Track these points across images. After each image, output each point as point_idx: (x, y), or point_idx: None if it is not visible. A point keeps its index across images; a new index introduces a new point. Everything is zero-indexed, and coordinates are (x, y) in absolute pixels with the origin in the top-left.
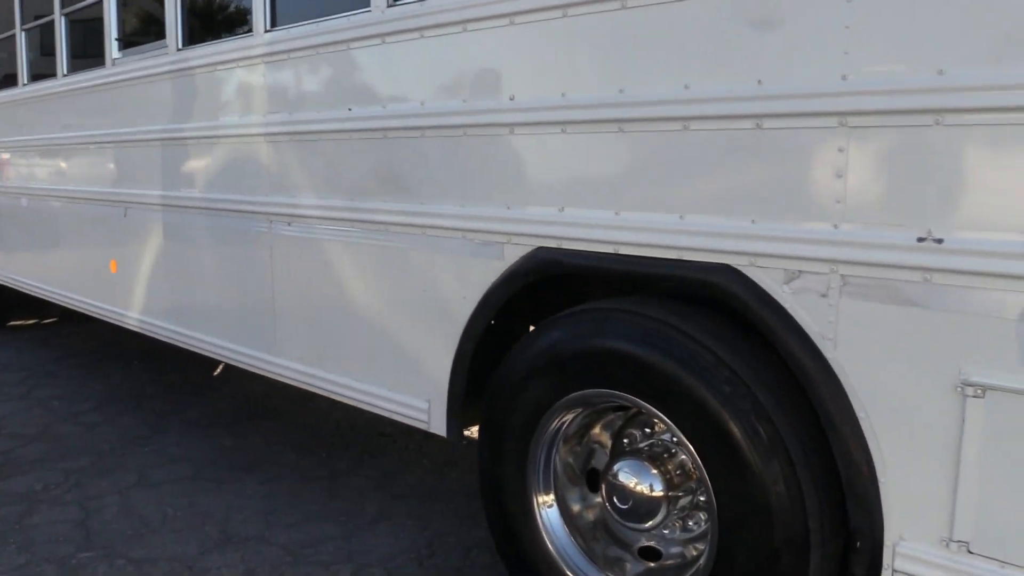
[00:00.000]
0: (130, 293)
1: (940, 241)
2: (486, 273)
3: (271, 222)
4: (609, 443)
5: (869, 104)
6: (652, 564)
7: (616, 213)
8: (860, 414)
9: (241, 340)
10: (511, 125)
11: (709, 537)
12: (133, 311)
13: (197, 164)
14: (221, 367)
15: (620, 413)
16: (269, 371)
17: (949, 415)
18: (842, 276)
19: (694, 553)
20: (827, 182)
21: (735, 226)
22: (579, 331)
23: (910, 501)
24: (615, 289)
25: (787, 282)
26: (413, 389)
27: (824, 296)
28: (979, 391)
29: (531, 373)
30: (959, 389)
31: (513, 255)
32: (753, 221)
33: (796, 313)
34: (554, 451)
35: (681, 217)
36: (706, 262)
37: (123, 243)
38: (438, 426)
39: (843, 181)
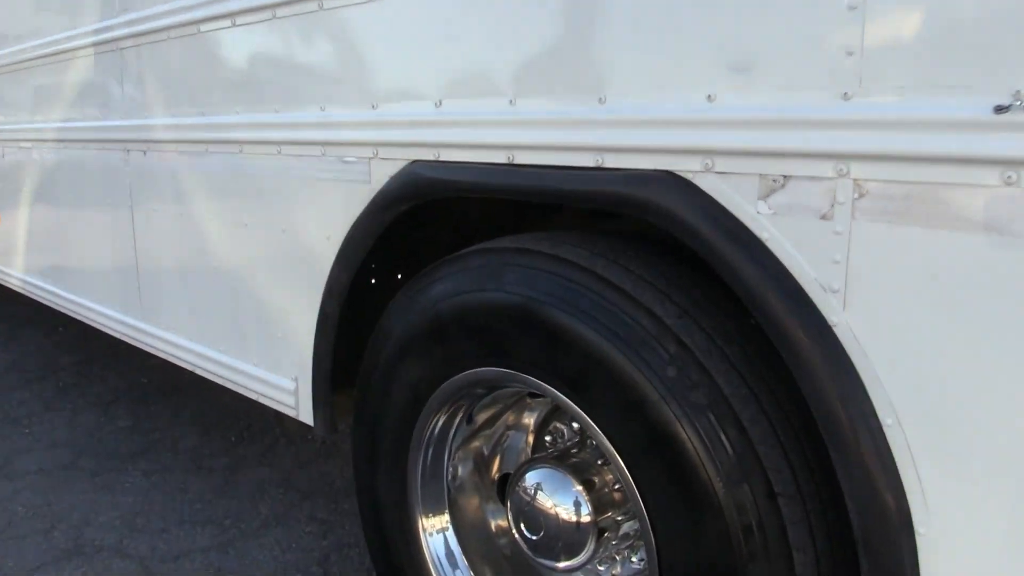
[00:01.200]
0: (12, 248)
1: None
2: (350, 202)
3: (128, 152)
4: (531, 439)
5: None
6: None
7: (511, 102)
8: (886, 419)
9: (109, 302)
10: None
11: None
12: (15, 269)
13: (57, 86)
14: None
15: (541, 399)
16: (138, 340)
17: None
18: (856, 182)
19: None
20: (833, 20)
21: (677, 106)
22: (466, 284)
23: (971, 566)
24: (534, 220)
25: (765, 196)
26: (278, 365)
27: (826, 218)
28: None
29: (407, 345)
30: None
31: (381, 175)
32: (709, 97)
33: (780, 248)
34: (447, 455)
35: (600, 100)
36: (636, 169)
37: (4, 190)
38: (306, 413)
39: (859, 15)
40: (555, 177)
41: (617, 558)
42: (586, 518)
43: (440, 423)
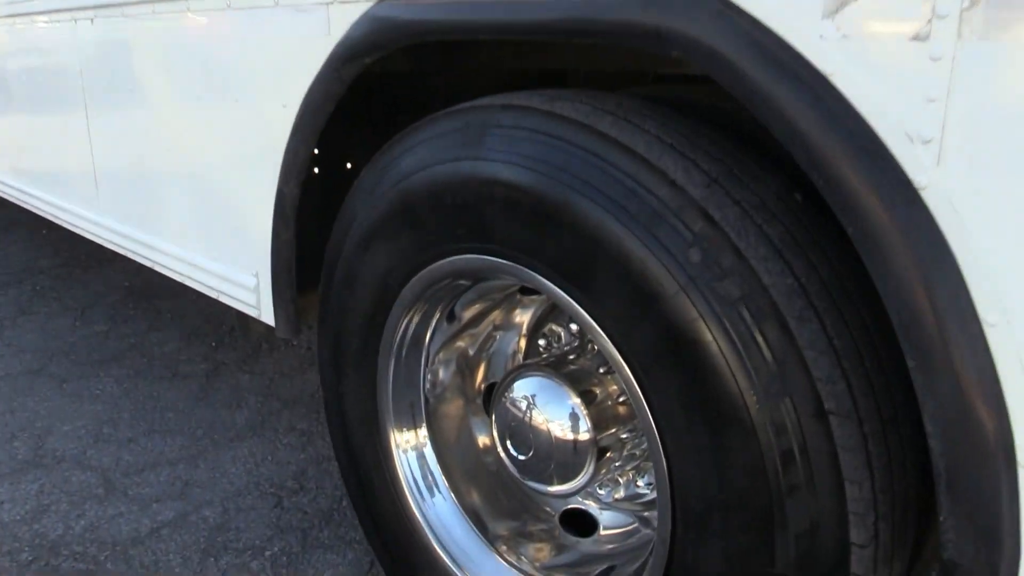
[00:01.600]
0: None
1: None
2: (307, 60)
3: (75, 22)
4: (522, 343)
5: None
6: (585, 539)
7: None
8: (989, 317)
9: (66, 194)
10: None
11: (659, 531)
12: None
13: None
14: None
15: (534, 296)
16: (94, 234)
17: None
18: None
19: (655, 527)
20: None
21: None
22: (440, 152)
23: None
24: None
25: (832, 12)
26: (238, 259)
27: (919, 39)
28: None
29: (372, 230)
30: None
31: (341, 22)
32: None
33: (850, 85)
34: (423, 359)
35: None
36: None
37: None
38: (268, 313)
39: None
40: (546, 6)
41: (620, 480)
42: (584, 435)
43: (414, 322)
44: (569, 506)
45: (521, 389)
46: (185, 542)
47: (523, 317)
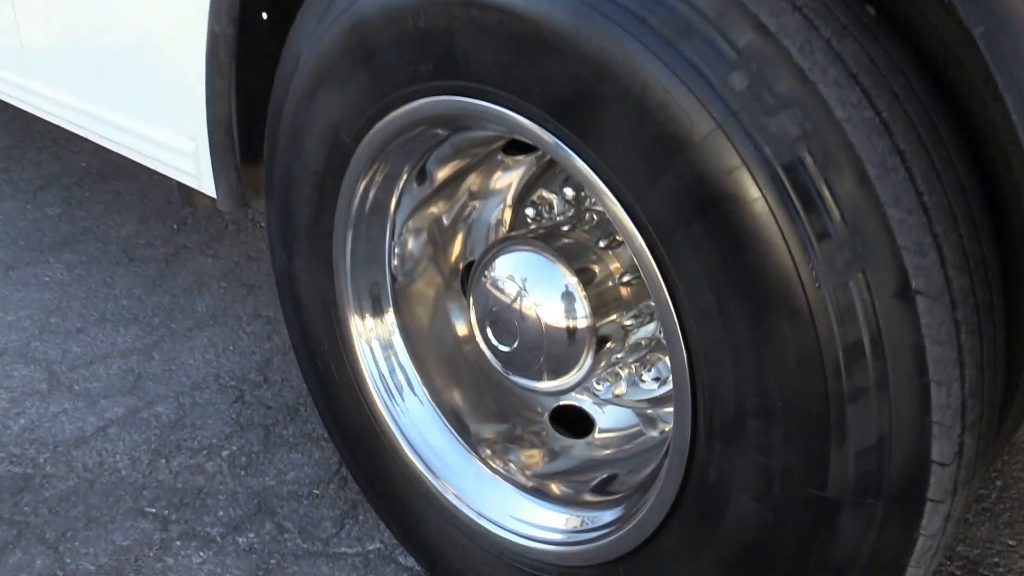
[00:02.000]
0: None
1: None
2: None
3: None
4: (507, 214)
5: None
6: (578, 441)
7: None
8: None
9: None
10: None
11: (675, 439)
12: None
13: None
14: None
15: (521, 157)
16: (21, 100)
17: None
18: None
19: (662, 429)
20: None
21: None
22: None
23: None
24: None
25: None
26: (174, 121)
27: None
28: None
29: (319, 73)
30: None
31: None
32: None
33: None
34: (388, 231)
35: None
36: None
37: None
38: (208, 182)
39: None
40: None
41: (621, 374)
42: (582, 322)
43: (376, 185)
44: (561, 403)
45: (505, 267)
46: (134, 441)
47: (507, 181)
